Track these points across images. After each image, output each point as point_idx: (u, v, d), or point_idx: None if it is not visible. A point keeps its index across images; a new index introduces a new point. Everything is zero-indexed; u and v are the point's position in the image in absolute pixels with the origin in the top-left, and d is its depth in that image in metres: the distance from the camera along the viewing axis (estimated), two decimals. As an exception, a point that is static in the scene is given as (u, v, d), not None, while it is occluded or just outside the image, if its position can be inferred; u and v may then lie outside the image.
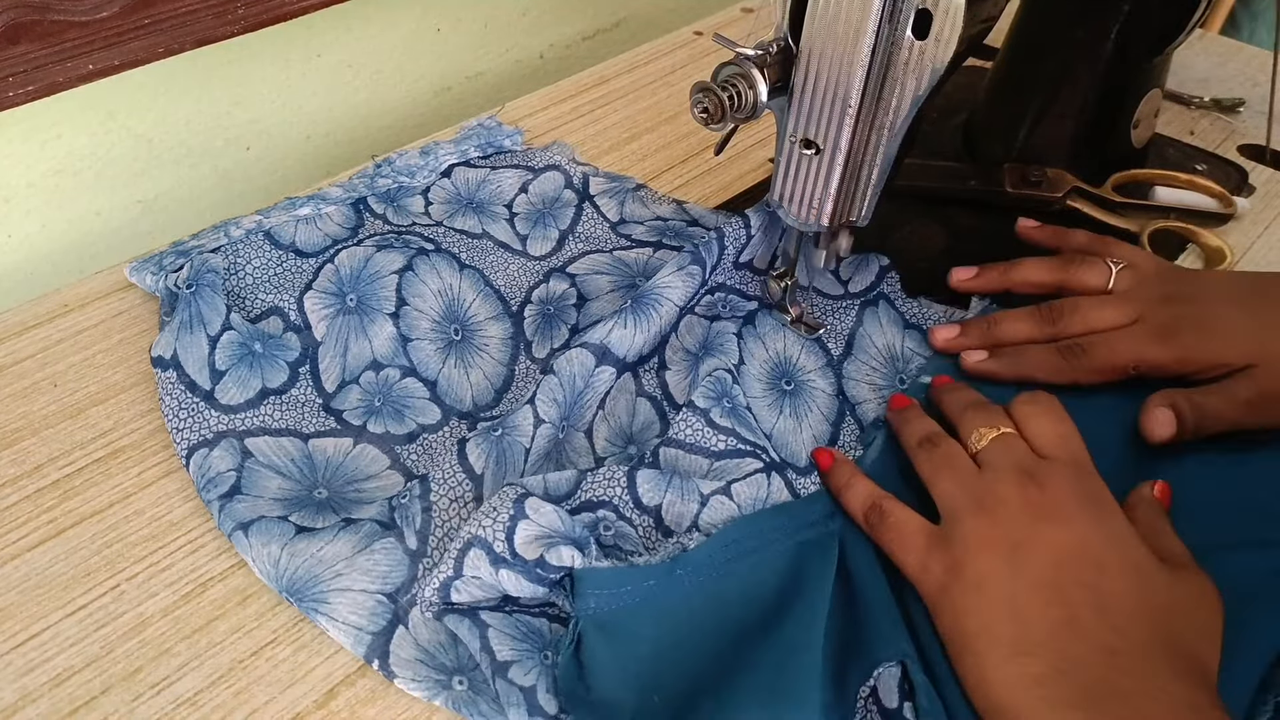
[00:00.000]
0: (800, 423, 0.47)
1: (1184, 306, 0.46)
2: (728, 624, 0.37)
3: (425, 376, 0.49)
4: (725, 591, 0.38)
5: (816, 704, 0.34)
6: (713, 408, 0.44)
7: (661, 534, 0.41)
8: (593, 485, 0.41)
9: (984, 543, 0.37)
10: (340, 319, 0.49)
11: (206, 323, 0.47)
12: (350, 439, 0.46)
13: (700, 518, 0.40)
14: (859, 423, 0.47)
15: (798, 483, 0.43)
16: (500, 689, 0.36)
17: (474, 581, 0.37)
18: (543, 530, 0.37)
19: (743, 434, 0.44)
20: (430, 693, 0.37)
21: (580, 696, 0.35)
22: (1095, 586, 0.35)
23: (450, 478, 0.41)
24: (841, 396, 0.48)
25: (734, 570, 0.38)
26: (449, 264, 0.52)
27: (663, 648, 0.36)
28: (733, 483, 0.41)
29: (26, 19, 0.49)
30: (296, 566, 0.39)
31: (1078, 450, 0.40)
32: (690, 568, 0.38)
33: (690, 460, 0.43)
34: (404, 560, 0.39)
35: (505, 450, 0.42)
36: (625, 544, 0.40)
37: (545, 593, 0.37)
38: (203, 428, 0.45)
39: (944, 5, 0.37)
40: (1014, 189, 0.59)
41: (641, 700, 0.35)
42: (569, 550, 0.37)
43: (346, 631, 0.38)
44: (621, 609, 0.36)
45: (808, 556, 0.39)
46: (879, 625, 0.37)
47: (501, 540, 0.37)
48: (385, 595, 0.39)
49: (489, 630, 0.37)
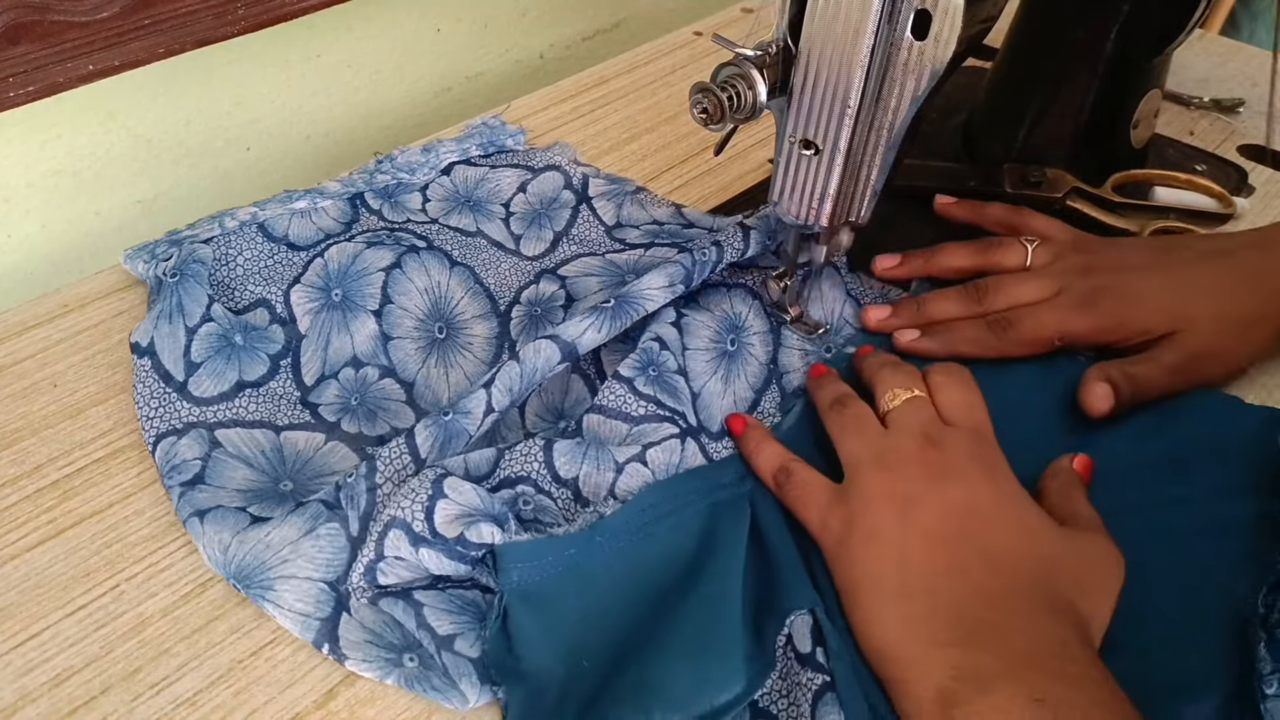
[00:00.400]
0: (727, 387, 0.48)
1: (1103, 277, 0.48)
2: (649, 585, 0.39)
3: (403, 378, 0.49)
4: (644, 555, 0.39)
5: (739, 654, 0.36)
6: (637, 377, 0.45)
7: (580, 505, 0.42)
8: (510, 461, 0.42)
9: (880, 496, 0.39)
10: (324, 313, 0.50)
11: (186, 313, 0.48)
12: (323, 435, 0.46)
13: (616, 486, 0.42)
14: (782, 391, 0.49)
15: (710, 447, 0.45)
16: (448, 663, 0.36)
17: (398, 563, 0.37)
18: (462, 509, 0.38)
19: (664, 401, 0.45)
20: (382, 672, 0.37)
21: (511, 668, 0.36)
22: (981, 539, 0.37)
23: (397, 459, 0.41)
24: (773, 365, 0.50)
25: (652, 533, 0.40)
26: (439, 261, 0.52)
27: (588, 614, 0.38)
28: (649, 447, 0.43)
29: (27, 19, 0.49)
30: (245, 553, 0.39)
31: (981, 420, 0.42)
32: (609, 534, 0.39)
33: (611, 426, 0.44)
34: (346, 547, 0.40)
35: (452, 434, 0.42)
36: (545, 517, 0.41)
37: (468, 570, 0.38)
38: (173, 417, 0.45)
39: (943, 5, 0.37)
40: (1014, 189, 0.59)
41: (571, 666, 0.36)
42: (489, 526, 0.37)
43: (294, 619, 0.38)
44: (545, 579, 0.38)
45: (721, 517, 0.41)
46: (789, 579, 0.39)
47: (421, 520, 0.37)
48: (328, 583, 0.39)
49: (424, 609, 0.38)
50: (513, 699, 0.36)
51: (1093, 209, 0.58)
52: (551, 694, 0.36)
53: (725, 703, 0.35)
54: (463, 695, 0.36)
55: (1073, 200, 0.58)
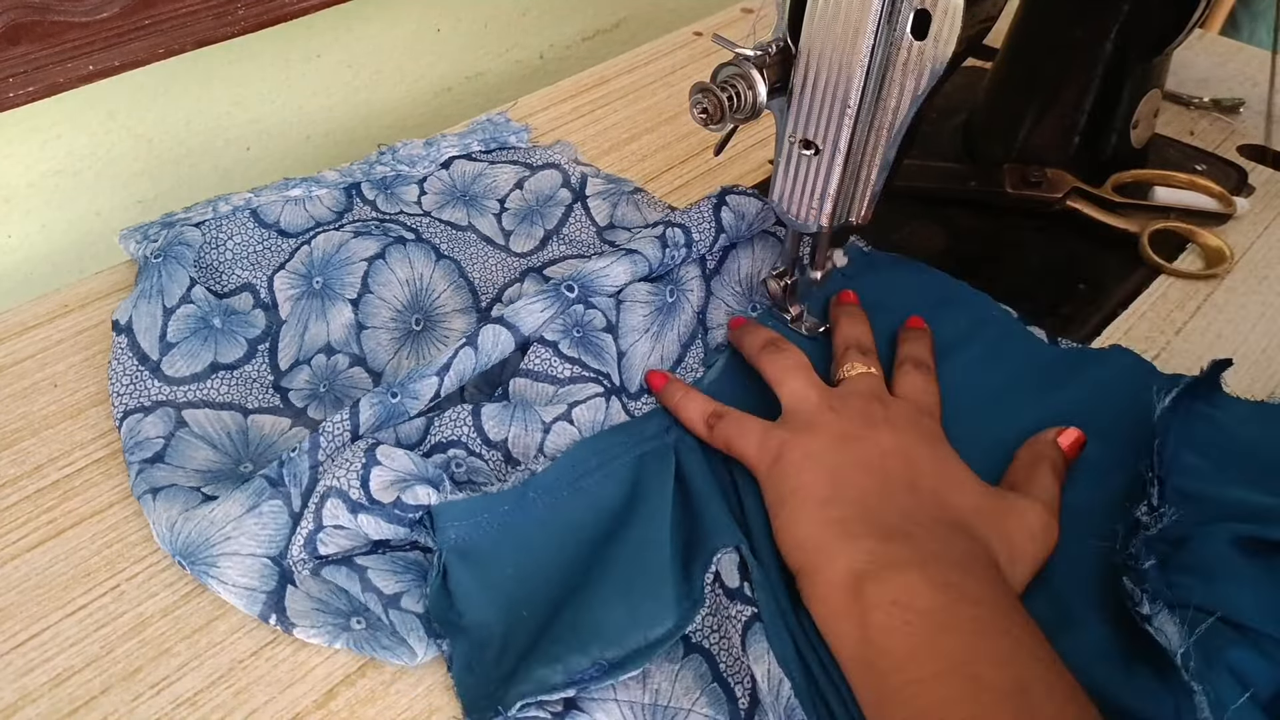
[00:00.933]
0: (656, 344, 0.49)
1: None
2: (582, 535, 0.40)
3: (372, 368, 0.49)
4: (576, 507, 0.41)
5: (670, 593, 0.37)
6: (562, 340, 0.46)
7: (510, 466, 0.43)
8: (441, 427, 0.43)
9: (822, 428, 0.41)
10: (305, 300, 0.50)
11: (165, 293, 0.48)
12: (289, 419, 0.47)
13: (545, 445, 0.43)
14: (705, 346, 0.50)
15: (630, 405, 0.47)
16: (395, 620, 0.38)
17: (337, 532, 0.38)
18: (396, 474, 0.39)
19: (588, 363, 0.46)
20: (330, 637, 0.38)
21: (454, 623, 0.38)
22: (910, 477, 0.39)
23: (339, 436, 0.42)
24: (701, 316, 0.51)
25: (582, 486, 0.42)
26: (425, 254, 0.53)
27: (524, 566, 0.39)
28: (574, 405, 0.44)
29: (27, 19, 0.49)
30: (190, 530, 0.40)
31: (931, 405, 0.44)
32: (541, 490, 0.41)
33: (537, 389, 0.45)
34: (289, 523, 0.40)
35: (395, 414, 0.43)
36: (478, 477, 0.43)
37: (407, 532, 0.39)
38: (142, 395, 0.46)
39: (943, 5, 0.37)
40: (1014, 189, 0.59)
41: (511, 617, 0.38)
42: (424, 489, 0.39)
43: (239, 594, 0.39)
44: (481, 536, 0.39)
45: (648, 466, 0.43)
46: (714, 520, 0.40)
47: (357, 487, 0.38)
48: (271, 559, 0.40)
49: (368, 572, 0.39)
50: (457, 651, 0.37)
51: (1093, 209, 0.58)
52: (494, 645, 0.37)
53: (658, 637, 0.36)
54: (411, 650, 0.37)
55: (1073, 200, 0.58)
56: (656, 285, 0.50)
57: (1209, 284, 0.54)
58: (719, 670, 0.38)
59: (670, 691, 0.37)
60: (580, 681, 0.35)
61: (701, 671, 0.37)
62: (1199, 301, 0.53)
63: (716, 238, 0.50)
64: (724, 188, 0.52)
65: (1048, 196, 0.58)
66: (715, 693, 0.37)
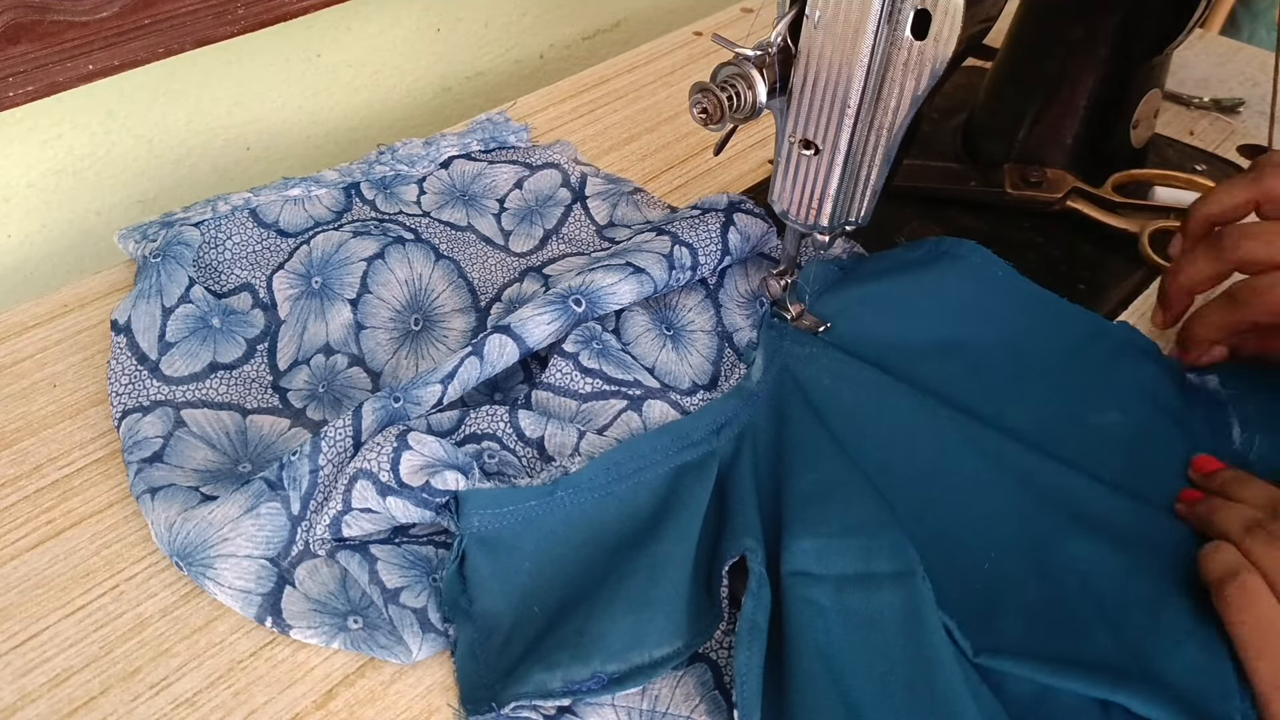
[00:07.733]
0: (682, 359, 0.49)
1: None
2: (605, 541, 0.40)
3: (371, 368, 0.49)
4: (604, 512, 0.41)
5: (682, 612, 0.37)
6: (581, 351, 0.46)
7: (544, 462, 0.43)
8: (476, 420, 0.43)
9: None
10: (304, 300, 0.50)
11: (164, 293, 0.48)
12: (288, 420, 0.47)
13: (580, 446, 0.43)
14: (736, 350, 0.50)
15: (684, 402, 0.46)
16: (393, 614, 0.38)
17: (363, 515, 0.39)
18: (426, 459, 0.39)
19: (609, 373, 0.45)
20: (327, 637, 0.38)
21: (463, 609, 0.38)
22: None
23: (342, 439, 0.41)
24: (720, 329, 0.50)
25: (614, 492, 0.41)
26: (424, 254, 0.52)
27: (542, 563, 0.39)
28: (603, 431, 0.44)
29: (26, 19, 0.49)
30: (188, 531, 0.40)
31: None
32: (572, 489, 0.40)
33: (560, 403, 0.45)
34: (287, 526, 0.40)
35: (396, 419, 0.43)
36: (508, 470, 0.42)
37: (433, 517, 0.39)
38: (141, 395, 0.46)
39: (943, 5, 0.37)
40: (1014, 189, 0.59)
41: (521, 611, 0.38)
42: (453, 474, 0.39)
43: (234, 595, 0.39)
44: (504, 527, 0.39)
45: (684, 479, 0.42)
46: (736, 530, 0.39)
47: (387, 470, 0.38)
48: (268, 560, 0.40)
49: (378, 563, 0.39)
50: (462, 636, 0.38)
51: (1093, 209, 0.58)
52: (499, 635, 0.37)
53: (663, 656, 0.36)
54: (406, 648, 0.37)
55: (1073, 200, 0.58)
56: (652, 320, 0.50)
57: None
58: (723, 680, 0.37)
59: (670, 698, 0.37)
60: (576, 692, 0.35)
61: (704, 679, 0.37)
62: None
63: (721, 259, 0.50)
64: (731, 201, 0.51)
65: (1048, 196, 0.58)
66: (716, 700, 0.37)
